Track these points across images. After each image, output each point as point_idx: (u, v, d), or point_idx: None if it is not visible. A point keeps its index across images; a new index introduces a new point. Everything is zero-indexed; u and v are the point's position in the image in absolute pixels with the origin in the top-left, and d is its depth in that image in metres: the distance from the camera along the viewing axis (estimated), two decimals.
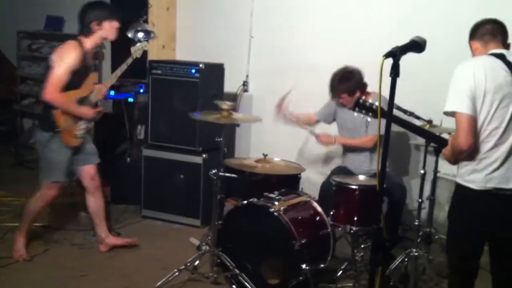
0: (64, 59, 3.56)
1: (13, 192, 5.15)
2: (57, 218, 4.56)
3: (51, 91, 3.54)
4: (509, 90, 2.48)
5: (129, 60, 3.86)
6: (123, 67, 3.85)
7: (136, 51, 3.90)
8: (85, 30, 3.71)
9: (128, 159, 5.16)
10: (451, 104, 2.50)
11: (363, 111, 2.82)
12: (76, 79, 3.63)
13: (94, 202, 3.97)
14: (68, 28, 6.66)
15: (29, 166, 6.22)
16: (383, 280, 2.37)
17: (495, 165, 2.50)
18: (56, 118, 3.64)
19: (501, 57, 2.55)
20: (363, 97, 3.67)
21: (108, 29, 3.73)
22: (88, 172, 3.90)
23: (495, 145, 2.50)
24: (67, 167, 3.79)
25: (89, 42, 3.72)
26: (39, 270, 3.65)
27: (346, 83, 3.90)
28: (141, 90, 5.38)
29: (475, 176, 2.53)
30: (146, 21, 5.13)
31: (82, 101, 3.72)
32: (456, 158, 2.58)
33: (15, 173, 6.02)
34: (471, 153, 2.51)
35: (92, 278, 3.58)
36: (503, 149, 2.50)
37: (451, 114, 2.50)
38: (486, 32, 2.67)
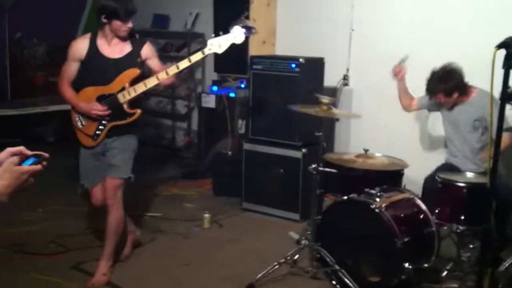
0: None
1: None
2: (164, 208, 4.78)
3: (58, 83, 3.44)
4: None
5: (195, 56, 3.31)
6: (182, 64, 3.30)
7: (213, 45, 3.32)
8: (98, 21, 3.37)
9: (230, 152, 5.28)
10: None
11: None
12: (90, 73, 3.39)
13: (108, 218, 3.48)
14: (173, 26, 6.93)
15: None
16: (491, 282, 2.26)
17: None
18: (71, 115, 3.50)
19: None
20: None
21: (116, 28, 3.32)
22: (106, 184, 3.46)
23: None
24: (90, 171, 3.49)
25: (101, 35, 3.39)
26: (146, 258, 3.84)
27: (443, 84, 3.74)
28: (242, 85, 5.49)
29: None
30: (247, 17, 5.22)
31: (104, 98, 3.37)
32: None
33: None
34: None
35: (194, 267, 3.71)
36: None
37: None
38: None
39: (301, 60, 4.56)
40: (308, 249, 3.57)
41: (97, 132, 3.41)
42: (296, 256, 3.61)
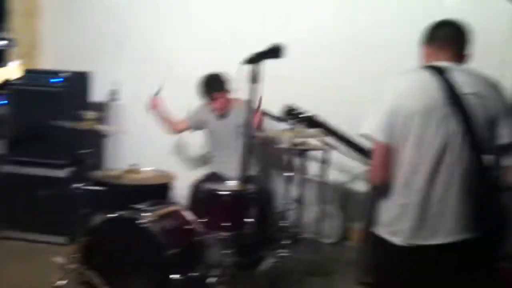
0: None
1: None
2: None
3: None
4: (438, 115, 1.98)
5: None
6: None
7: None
8: None
9: None
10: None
11: (295, 120, 2.77)
12: None
13: None
14: None
15: None
16: (250, 282, 2.37)
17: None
18: None
19: (439, 72, 2.03)
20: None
21: None
22: None
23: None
24: None
25: None
26: None
27: (220, 84, 3.98)
28: (2, 102, 5.05)
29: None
30: (6, 28, 4.85)
31: None
32: None
33: None
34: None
35: None
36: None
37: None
38: (440, 36, 2.14)
39: (65, 74, 4.37)
40: (75, 273, 3.39)
41: None
42: (64, 282, 3.39)
